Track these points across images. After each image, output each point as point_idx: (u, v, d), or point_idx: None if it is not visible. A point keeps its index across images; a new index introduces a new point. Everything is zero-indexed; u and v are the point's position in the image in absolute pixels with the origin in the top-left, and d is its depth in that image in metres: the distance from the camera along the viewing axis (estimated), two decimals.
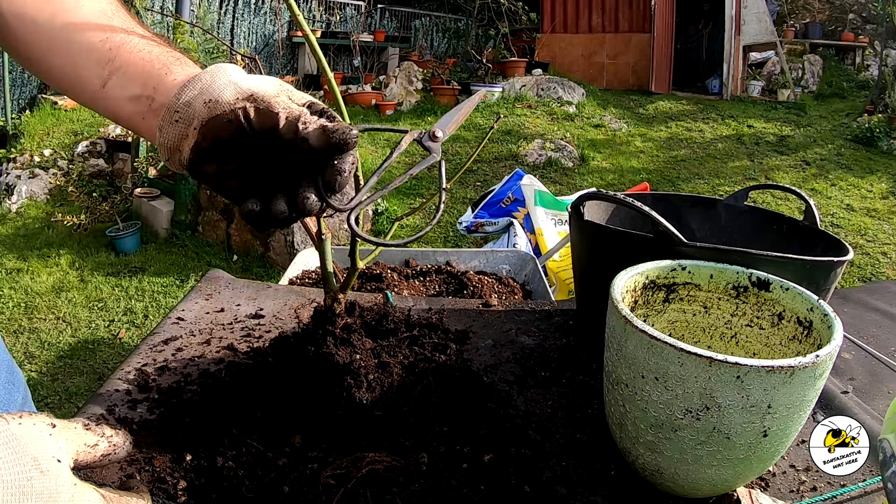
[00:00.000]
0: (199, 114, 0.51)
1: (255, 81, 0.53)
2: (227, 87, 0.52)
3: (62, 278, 3.72)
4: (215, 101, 0.51)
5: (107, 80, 0.56)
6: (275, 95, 0.52)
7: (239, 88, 0.52)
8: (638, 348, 0.63)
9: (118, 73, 0.56)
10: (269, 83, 0.53)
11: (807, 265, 0.81)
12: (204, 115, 0.51)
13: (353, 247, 0.77)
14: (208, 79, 0.52)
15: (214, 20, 6.94)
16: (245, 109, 0.51)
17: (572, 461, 0.74)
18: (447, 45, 9.68)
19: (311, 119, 0.51)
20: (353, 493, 0.63)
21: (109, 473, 0.68)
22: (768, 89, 8.40)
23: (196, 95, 0.52)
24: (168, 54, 0.57)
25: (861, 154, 6.23)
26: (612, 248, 0.92)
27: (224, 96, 0.51)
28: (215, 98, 0.51)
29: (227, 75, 0.53)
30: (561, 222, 2.77)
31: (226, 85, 0.52)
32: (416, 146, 0.67)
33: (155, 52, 0.56)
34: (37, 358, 2.92)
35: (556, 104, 7.06)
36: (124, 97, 0.56)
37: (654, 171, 5.75)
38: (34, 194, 4.72)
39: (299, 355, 0.78)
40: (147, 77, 0.55)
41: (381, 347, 0.81)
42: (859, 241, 4.54)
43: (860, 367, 1.04)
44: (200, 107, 0.51)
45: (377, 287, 1.49)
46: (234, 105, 0.51)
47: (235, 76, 0.53)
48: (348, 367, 0.75)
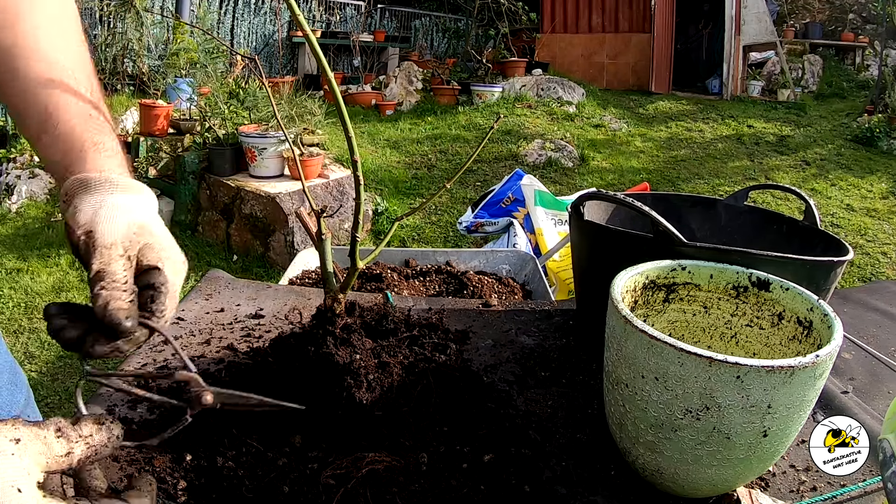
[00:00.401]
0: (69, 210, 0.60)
1: (110, 215, 0.59)
2: (89, 208, 0.59)
3: (62, 278, 3.72)
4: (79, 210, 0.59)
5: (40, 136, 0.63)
6: (110, 245, 0.57)
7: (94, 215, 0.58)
8: (638, 348, 0.63)
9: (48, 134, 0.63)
10: (113, 233, 0.58)
11: (807, 265, 0.81)
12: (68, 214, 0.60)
13: (353, 247, 0.78)
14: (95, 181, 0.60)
15: (214, 20, 6.94)
16: (82, 236, 0.58)
17: (572, 461, 0.74)
18: (447, 45, 9.68)
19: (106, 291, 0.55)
20: (353, 493, 0.63)
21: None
22: (768, 89, 8.40)
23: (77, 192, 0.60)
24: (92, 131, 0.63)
25: (861, 154, 6.23)
26: (612, 248, 0.92)
27: (82, 213, 0.59)
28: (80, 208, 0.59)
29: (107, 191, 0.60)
30: (561, 222, 2.77)
31: (94, 204, 0.59)
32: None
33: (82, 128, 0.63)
34: (37, 358, 2.92)
35: (556, 104, 7.06)
36: (49, 158, 0.64)
37: (654, 171, 5.75)
38: (34, 194, 4.72)
39: (299, 355, 0.78)
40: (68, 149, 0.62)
41: (381, 347, 0.81)
42: (859, 241, 4.54)
43: (860, 367, 1.04)
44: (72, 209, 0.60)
45: (377, 287, 1.49)
46: (78, 227, 0.58)
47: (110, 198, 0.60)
48: (348, 367, 0.75)
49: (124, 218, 0.59)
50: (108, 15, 5.76)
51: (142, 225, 0.60)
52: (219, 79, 5.10)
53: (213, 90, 4.87)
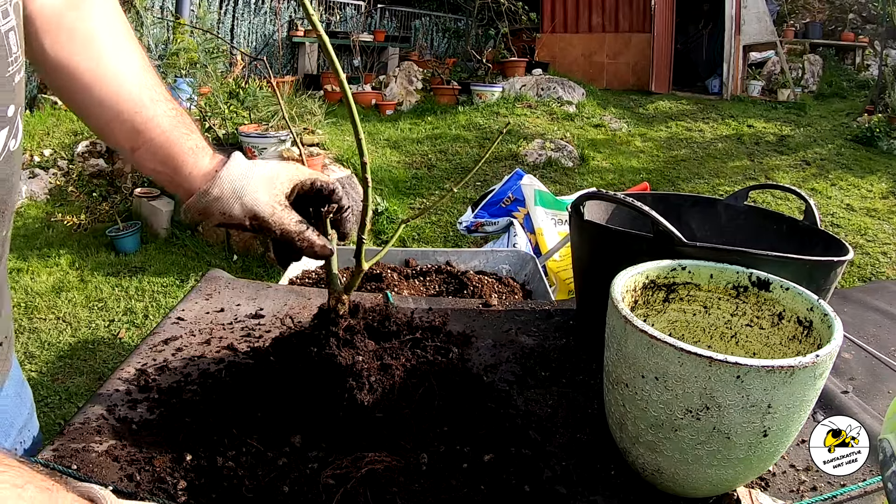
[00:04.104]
0: (216, 217, 0.71)
1: (254, 199, 0.70)
2: (235, 205, 0.70)
3: (62, 278, 3.72)
4: (228, 214, 0.71)
5: (135, 148, 0.71)
6: (271, 215, 0.71)
7: (244, 208, 0.70)
8: (638, 348, 0.63)
9: (144, 148, 0.70)
10: (264, 201, 0.71)
11: (807, 265, 0.81)
12: (220, 219, 0.71)
13: (359, 248, 0.78)
14: (217, 192, 0.70)
15: (214, 20, 6.93)
16: (250, 222, 0.71)
17: (572, 461, 0.74)
18: (447, 44, 9.68)
19: (303, 239, 0.73)
20: (353, 493, 0.63)
21: (109, 473, 0.68)
22: (768, 89, 8.40)
23: (211, 204, 0.70)
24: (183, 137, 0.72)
25: (861, 154, 6.23)
26: (612, 248, 0.92)
27: (234, 212, 0.70)
28: (227, 212, 0.71)
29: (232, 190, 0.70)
30: (561, 222, 2.76)
31: (233, 202, 0.70)
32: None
33: (174, 136, 0.71)
34: (37, 358, 2.92)
35: (556, 104, 7.06)
36: (148, 167, 0.72)
37: (654, 170, 5.75)
38: (34, 194, 4.72)
39: (302, 356, 0.78)
40: (167, 158, 0.71)
41: (384, 350, 0.81)
42: (859, 241, 4.54)
43: (860, 367, 1.03)
44: (217, 214, 0.71)
45: (377, 287, 1.49)
46: (242, 220, 0.71)
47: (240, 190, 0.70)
48: (350, 369, 0.75)
49: (259, 189, 0.71)
50: None
51: (270, 178, 0.72)
52: (219, 79, 5.11)
53: (213, 90, 4.88)
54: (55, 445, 0.71)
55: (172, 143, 0.71)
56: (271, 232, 0.71)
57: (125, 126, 0.69)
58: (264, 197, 0.71)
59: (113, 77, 0.69)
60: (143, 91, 0.70)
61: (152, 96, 0.71)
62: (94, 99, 0.69)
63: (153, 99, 0.71)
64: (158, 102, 0.71)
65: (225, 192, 0.70)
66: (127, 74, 0.70)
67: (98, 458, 0.70)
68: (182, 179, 0.71)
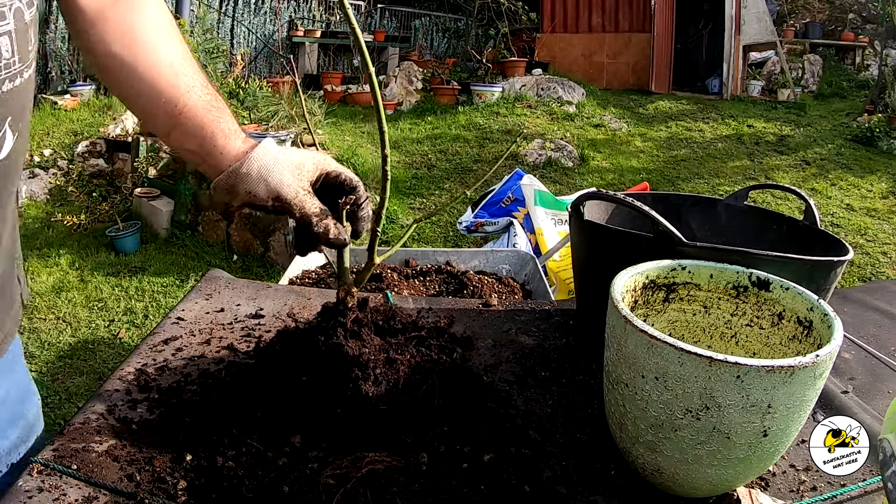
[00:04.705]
0: (241, 196, 0.76)
1: (279, 180, 0.75)
2: (260, 185, 0.75)
3: (62, 278, 3.72)
4: (253, 194, 0.75)
5: (171, 131, 0.77)
6: (294, 197, 0.75)
7: (269, 188, 0.75)
8: (638, 348, 0.63)
9: (179, 129, 0.76)
10: (287, 184, 0.75)
11: (807, 265, 0.81)
12: (245, 198, 0.76)
13: (372, 241, 0.79)
14: (245, 171, 0.75)
15: (214, 20, 6.93)
16: (273, 203, 0.75)
17: (572, 461, 0.74)
18: (447, 44, 9.68)
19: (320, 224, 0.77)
20: (353, 493, 0.63)
21: (109, 473, 0.68)
22: (768, 89, 8.40)
23: (237, 183, 0.75)
24: (216, 120, 0.76)
25: (861, 154, 6.23)
26: (612, 248, 0.92)
27: (259, 192, 0.75)
28: (253, 191, 0.75)
29: (259, 170, 0.74)
30: (561, 222, 2.76)
31: (259, 182, 0.75)
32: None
33: (207, 119, 0.76)
34: (37, 358, 2.92)
35: (556, 104, 7.05)
36: (183, 147, 0.78)
37: (654, 170, 5.75)
38: (34, 194, 4.72)
39: (308, 345, 0.78)
40: (201, 140, 0.76)
41: (389, 345, 0.81)
42: (859, 241, 4.54)
43: (860, 367, 1.03)
44: (244, 193, 0.75)
45: (377, 287, 1.49)
46: (265, 201, 0.75)
47: (267, 171, 0.75)
48: (357, 359, 0.75)
49: (285, 172, 0.75)
50: None
51: (298, 164, 0.77)
52: (219, 79, 5.10)
53: None
54: (55, 445, 0.71)
55: (205, 126, 0.76)
56: (292, 214, 0.76)
57: (161, 112, 0.75)
58: (289, 179, 0.75)
59: (152, 66, 0.74)
60: (181, 79, 0.75)
61: (189, 83, 0.76)
62: (133, 89, 0.74)
63: (189, 86, 0.75)
64: (194, 88, 0.76)
65: (253, 172, 0.74)
66: (164, 65, 0.74)
67: (98, 458, 0.70)
68: (213, 159, 0.76)
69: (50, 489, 0.65)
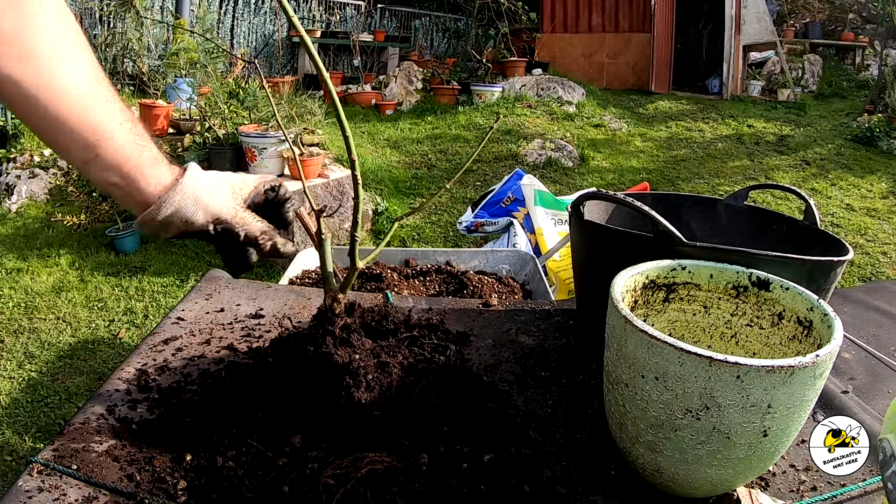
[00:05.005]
0: (177, 226, 0.71)
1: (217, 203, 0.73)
2: (199, 210, 0.71)
3: (62, 278, 3.72)
4: (190, 222, 0.71)
5: (89, 163, 0.66)
6: (233, 216, 0.74)
7: (207, 212, 0.72)
8: (638, 348, 0.63)
9: (98, 161, 0.66)
10: (226, 205, 0.74)
11: (807, 265, 0.81)
12: (181, 227, 0.71)
13: (352, 247, 0.78)
14: (179, 200, 0.69)
15: (214, 20, 6.93)
16: (213, 227, 0.73)
17: (572, 461, 0.74)
18: (447, 44, 9.67)
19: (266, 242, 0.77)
20: (353, 493, 0.63)
21: (109, 473, 0.68)
22: (768, 89, 8.40)
23: (173, 213, 0.70)
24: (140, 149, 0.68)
25: (861, 154, 6.23)
26: (612, 248, 0.92)
27: (197, 219, 0.71)
28: (190, 220, 0.71)
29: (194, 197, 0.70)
30: (561, 222, 2.76)
31: (197, 208, 0.71)
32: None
33: (129, 150, 0.67)
34: (37, 358, 2.92)
35: (556, 104, 7.06)
36: (103, 179, 0.68)
37: (654, 170, 5.75)
38: (34, 194, 4.72)
39: (299, 355, 0.78)
40: (124, 173, 0.68)
41: (381, 348, 0.81)
42: (859, 241, 4.54)
43: (860, 367, 1.03)
44: (179, 223, 0.71)
45: (377, 287, 1.49)
46: (205, 225, 0.72)
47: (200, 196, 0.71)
48: (347, 367, 0.75)
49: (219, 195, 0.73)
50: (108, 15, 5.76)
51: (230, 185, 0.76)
52: (218, 79, 5.10)
53: (212, 90, 4.87)
54: (55, 445, 0.71)
55: (129, 157, 0.67)
56: (235, 234, 0.74)
57: (76, 140, 0.64)
58: (226, 201, 0.74)
59: (60, 88, 0.62)
60: (94, 102, 0.64)
61: (105, 108, 0.65)
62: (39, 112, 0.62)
63: (106, 111, 0.65)
64: (112, 114, 0.66)
65: (187, 199, 0.70)
66: (75, 85, 0.63)
67: (98, 458, 0.70)
68: (138, 192, 0.68)
69: (50, 489, 0.65)
